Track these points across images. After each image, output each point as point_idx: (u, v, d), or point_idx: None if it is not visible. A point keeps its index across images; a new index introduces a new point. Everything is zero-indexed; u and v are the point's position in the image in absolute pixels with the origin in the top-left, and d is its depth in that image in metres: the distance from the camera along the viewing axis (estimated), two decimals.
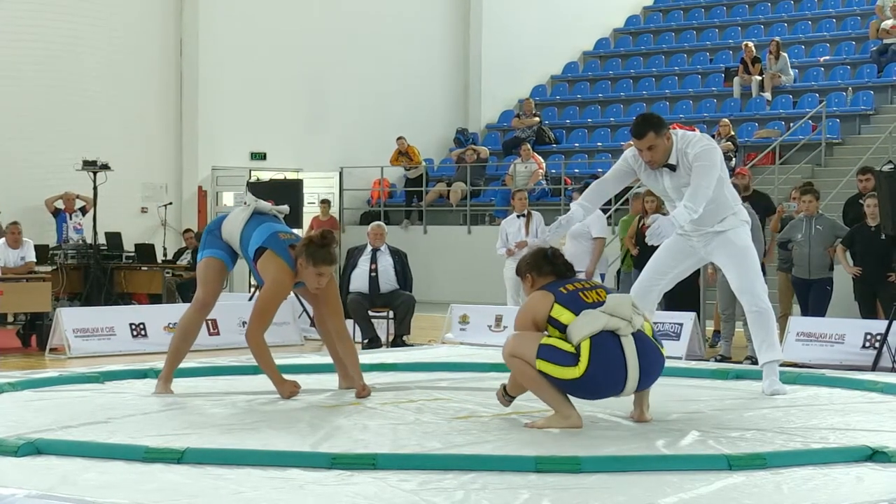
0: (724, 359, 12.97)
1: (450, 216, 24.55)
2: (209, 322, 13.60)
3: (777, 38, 24.77)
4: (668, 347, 7.36)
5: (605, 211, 17.94)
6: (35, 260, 15.59)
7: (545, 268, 6.83)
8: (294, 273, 7.66)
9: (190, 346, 8.15)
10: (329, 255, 7.60)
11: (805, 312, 13.64)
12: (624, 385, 6.53)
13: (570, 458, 5.35)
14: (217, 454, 5.49)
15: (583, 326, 6.45)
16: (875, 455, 5.56)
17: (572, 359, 6.42)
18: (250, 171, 23.40)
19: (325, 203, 22.28)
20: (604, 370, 6.43)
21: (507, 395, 6.91)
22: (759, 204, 13.97)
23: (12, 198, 20.09)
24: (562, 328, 6.52)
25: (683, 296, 13.04)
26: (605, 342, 6.45)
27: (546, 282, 6.77)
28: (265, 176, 22.74)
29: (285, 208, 8.23)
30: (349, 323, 8.29)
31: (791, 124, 22.15)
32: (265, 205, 8.05)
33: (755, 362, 11.80)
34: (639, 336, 6.57)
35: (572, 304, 6.57)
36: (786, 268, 14.14)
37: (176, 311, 13.50)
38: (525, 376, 6.58)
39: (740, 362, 12.28)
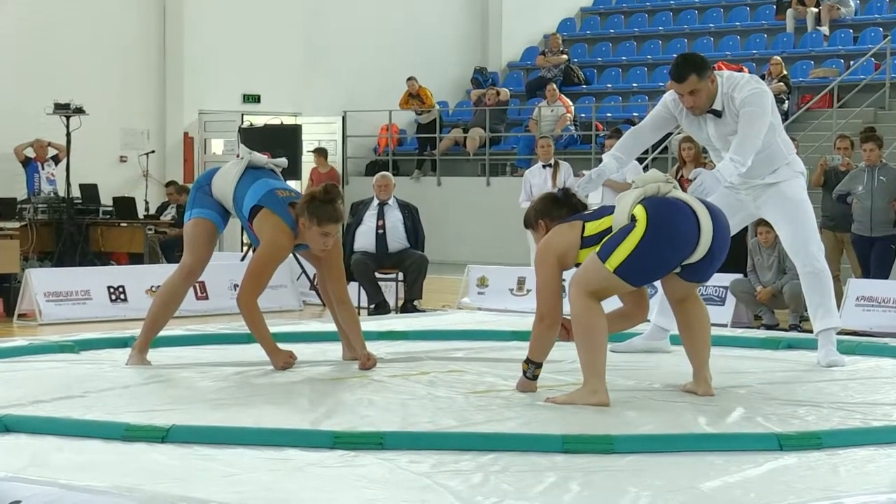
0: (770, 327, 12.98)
1: (466, 166, 24.54)
2: (197, 285, 13.65)
3: None
4: (712, 314, 7.33)
5: (640, 161, 17.90)
6: None
7: (557, 211, 6.72)
8: (294, 234, 7.64)
9: (171, 315, 8.12)
10: (335, 212, 7.55)
11: (866, 274, 13.63)
12: (699, 230, 6.44)
13: (601, 437, 5.35)
14: (206, 432, 5.50)
15: (625, 204, 6.43)
16: None
17: (630, 226, 6.37)
18: (242, 115, 23.38)
19: (321, 152, 21.66)
20: (667, 212, 6.39)
21: (530, 366, 6.68)
22: None
23: None
24: (602, 237, 6.44)
25: (729, 255, 12.99)
26: (654, 197, 6.46)
27: None
28: (259, 121, 22.72)
29: (283, 161, 8.17)
30: (354, 287, 8.26)
31: (851, 62, 22.07)
32: (261, 158, 7.98)
33: (802, 330, 11.84)
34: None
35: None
36: (831, 225, 14.10)
37: (159, 273, 13.63)
38: (583, 325, 6.39)
39: (787, 330, 12.29)
